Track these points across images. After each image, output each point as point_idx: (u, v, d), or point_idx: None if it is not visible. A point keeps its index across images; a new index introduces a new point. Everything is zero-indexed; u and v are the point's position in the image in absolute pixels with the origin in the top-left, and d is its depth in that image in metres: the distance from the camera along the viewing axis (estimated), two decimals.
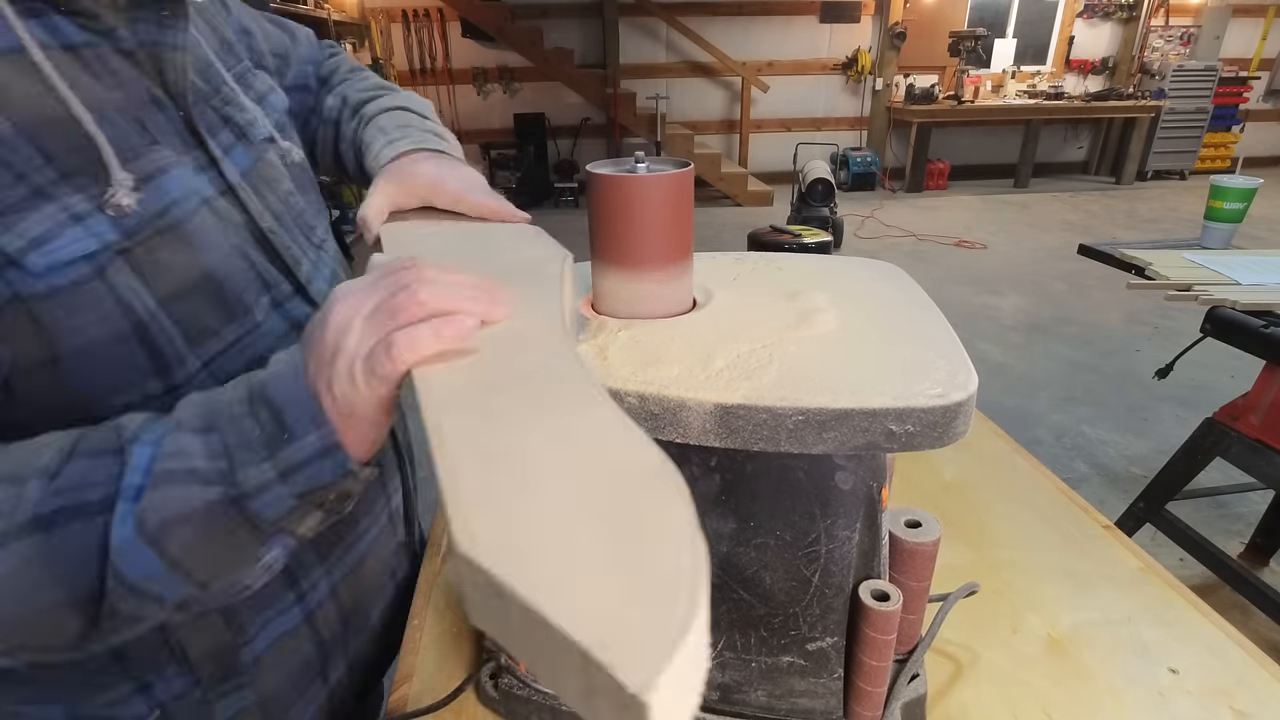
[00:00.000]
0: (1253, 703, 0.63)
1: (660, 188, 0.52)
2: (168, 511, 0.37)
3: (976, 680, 0.67)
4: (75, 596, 0.38)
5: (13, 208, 0.40)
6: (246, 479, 0.38)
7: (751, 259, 0.69)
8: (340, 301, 0.40)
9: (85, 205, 0.43)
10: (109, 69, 0.46)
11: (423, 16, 6.80)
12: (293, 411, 0.39)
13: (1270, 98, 7.81)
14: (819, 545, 0.52)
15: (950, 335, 0.52)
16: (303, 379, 0.39)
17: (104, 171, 0.43)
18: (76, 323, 0.43)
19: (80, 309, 0.43)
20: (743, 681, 0.57)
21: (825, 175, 5.06)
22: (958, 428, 0.44)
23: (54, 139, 0.42)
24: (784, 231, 3.10)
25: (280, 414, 0.39)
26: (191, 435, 0.39)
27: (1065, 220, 6.09)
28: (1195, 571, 1.79)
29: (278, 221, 0.59)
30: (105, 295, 0.44)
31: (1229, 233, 1.79)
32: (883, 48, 7.19)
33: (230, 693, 0.57)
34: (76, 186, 0.43)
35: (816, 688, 0.56)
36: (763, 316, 0.55)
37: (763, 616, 0.55)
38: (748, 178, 6.81)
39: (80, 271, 0.42)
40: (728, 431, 0.44)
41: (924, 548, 0.57)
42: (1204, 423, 1.66)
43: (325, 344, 0.39)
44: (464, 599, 0.27)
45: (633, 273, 0.55)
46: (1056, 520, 0.89)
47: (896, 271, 0.66)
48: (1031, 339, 3.70)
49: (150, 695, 0.54)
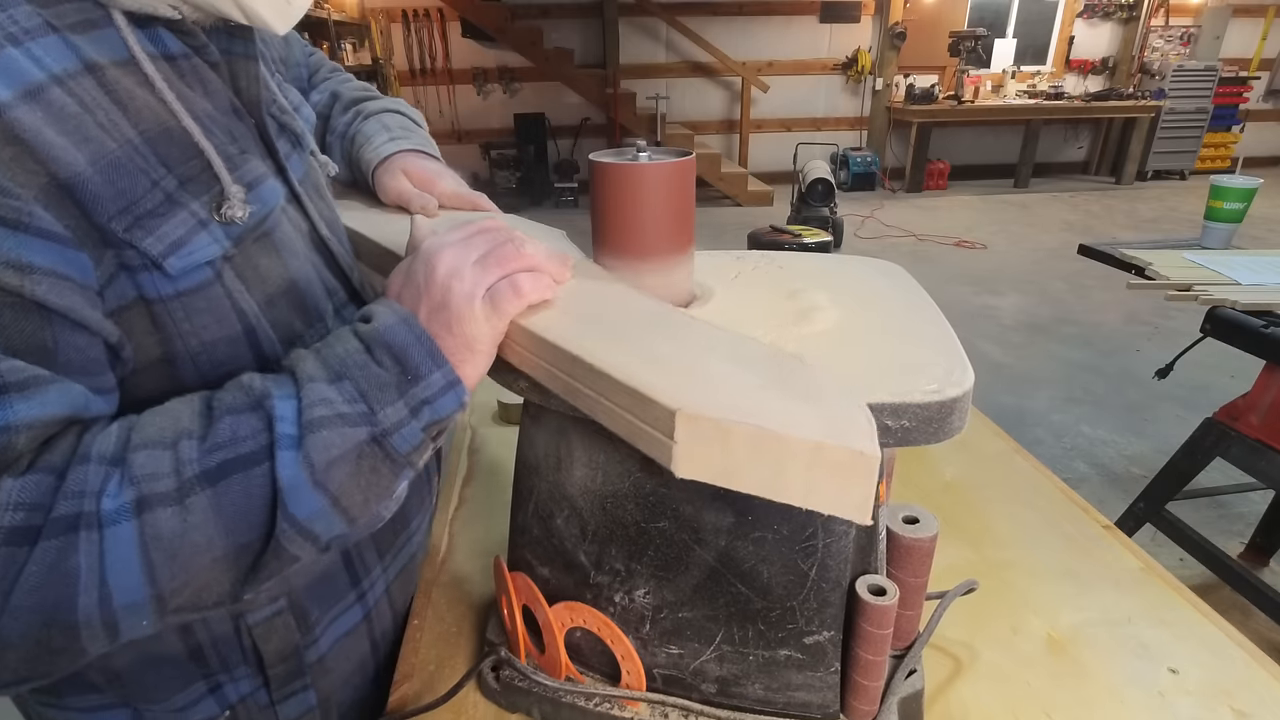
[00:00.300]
0: (1253, 703, 0.63)
1: (661, 176, 0.53)
2: (328, 454, 0.40)
3: (976, 679, 0.67)
4: (240, 547, 0.40)
5: (151, 213, 0.42)
6: (385, 418, 0.42)
7: (753, 257, 0.69)
8: (442, 253, 0.45)
9: (205, 213, 0.45)
10: (200, 79, 0.48)
11: (423, 16, 6.80)
12: (414, 354, 0.43)
13: (1270, 98, 7.82)
14: (816, 540, 0.52)
15: (948, 332, 0.52)
16: (417, 324, 0.43)
17: (215, 182, 0.46)
18: (196, 324, 0.46)
19: (201, 311, 0.46)
20: (740, 675, 0.58)
21: (825, 175, 5.06)
22: (954, 423, 0.45)
23: (169, 149, 0.44)
24: (784, 231, 3.10)
25: (402, 358, 0.42)
26: (326, 385, 0.41)
27: (1065, 220, 6.10)
28: (1195, 571, 1.79)
29: (330, 229, 0.61)
30: (223, 298, 0.47)
31: (1229, 233, 1.79)
32: (883, 48, 7.20)
33: (296, 693, 0.59)
34: (194, 194, 0.45)
35: (813, 681, 0.56)
36: (763, 313, 0.56)
37: (760, 610, 0.55)
38: (748, 178, 6.81)
39: (205, 275, 0.46)
40: None
41: (921, 543, 0.57)
42: (1204, 423, 1.66)
43: (436, 288, 0.44)
44: (675, 459, 0.38)
45: (633, 261, 0.55)
46: (1056, 520, 0.89)
47: (897, 270, 0.66)
48: (1031, 339, 3.70)
49: (221, 696, 0.56)
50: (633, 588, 0.58)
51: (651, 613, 0.58)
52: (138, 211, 0.42)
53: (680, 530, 0.54)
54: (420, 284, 0.45)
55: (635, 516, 0.56)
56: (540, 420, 0.59)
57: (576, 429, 0.56)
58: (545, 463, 0.60)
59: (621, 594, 0.58)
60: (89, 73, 0.40)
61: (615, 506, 0.56)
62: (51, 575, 0.36)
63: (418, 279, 0.45)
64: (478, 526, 0.90)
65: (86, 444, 0.39)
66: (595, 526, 0.58)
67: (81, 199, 0.39)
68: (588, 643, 0.61)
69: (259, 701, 0.57)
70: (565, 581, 0.61)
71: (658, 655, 0.59)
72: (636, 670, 0.59)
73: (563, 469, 0.58)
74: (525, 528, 0.63)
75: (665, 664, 0.59)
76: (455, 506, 0.95)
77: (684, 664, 0.59)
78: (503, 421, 1.14)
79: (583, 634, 0.61)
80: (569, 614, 0.60)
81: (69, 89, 0.39)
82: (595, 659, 0.62)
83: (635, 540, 0.56)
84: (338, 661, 0.62)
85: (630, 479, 0.55)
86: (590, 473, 0.57)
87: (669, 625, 0.58)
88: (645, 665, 0.59)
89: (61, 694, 0.54)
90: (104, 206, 0.40)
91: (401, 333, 0.43)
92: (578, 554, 0.59)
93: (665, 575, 0.56)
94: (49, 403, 0.37)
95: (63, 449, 0.38)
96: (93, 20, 0.42)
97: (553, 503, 0.60)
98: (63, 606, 0.36)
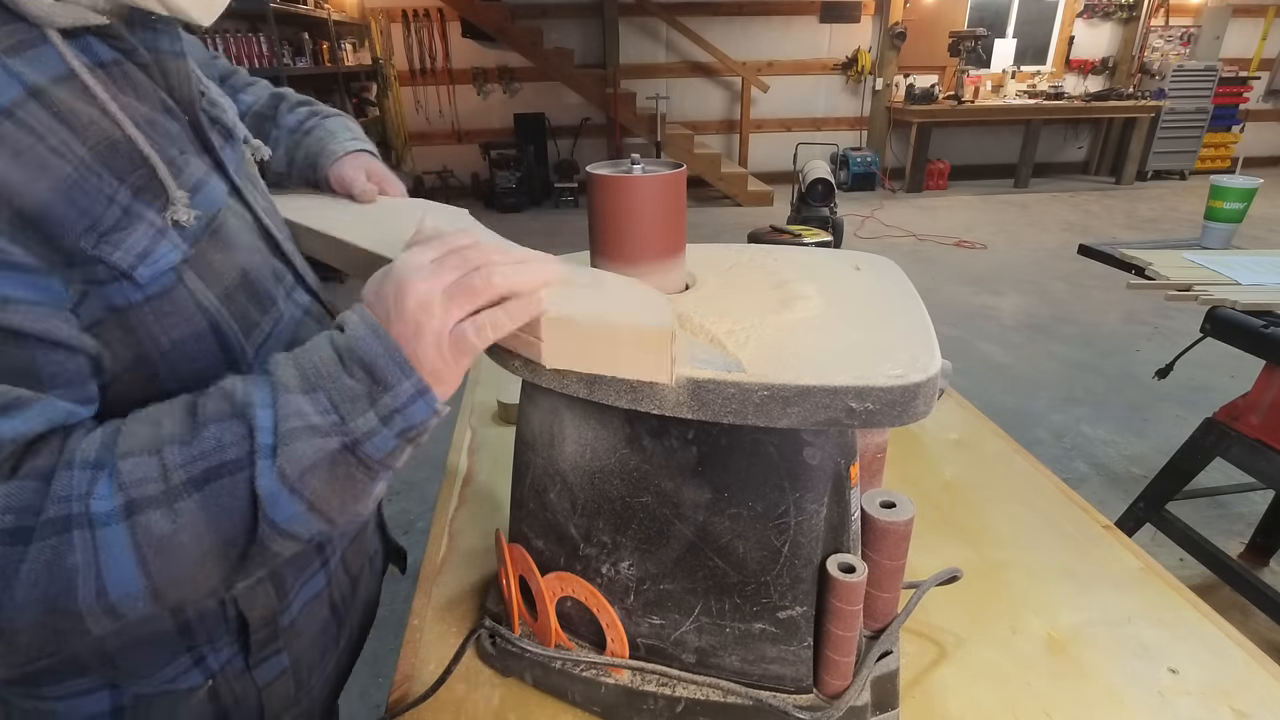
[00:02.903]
0: (1253, 703, 0.63)
1: (654, 187, 0.56)
2: (301, 463, 0.42)
3: (976, 679, 0.67)
4: (227, 543, 0.43)
5: (114, 228, 0.44)
6: (357, 427, 0.44)
7: (750, 250, 0.71)
8: (413, 277, 0.45)
9: (160, 221, 0.47)
10: (132, 83, 0.49)
11: (423, 16, 6.80)
12: (383, 365, 0.44)
13: (1270, 98, 7.82)
14: (788, 517, 0.54)
15: (924, 323, 0.54)
16: (387, 335, 0.45)
17: (162, 189, 0.48)
18: (165, 325, 0.48)
19: (168, 314, 0.48)
20: (718, 646, 0.60)
21: (825, 175, 5.05)
22: (917, 408, 0.47)
23: (117, 161, 0.45)
24: (784, 231, 3.10)
25: (372, 369, 0.44)
26: (300, 396, 0.43)
27: (1065, 220, 6.10)
28: (1195, 571, 1.79)
29: (269, 217, 0.63)
30: (187, 299, 0.49)
31: (1229, 233, 1.79)
32: (883, 48, 7.20)
33: (269, 657, 0.62)
34: (147, 204, 0.47)
35: (787, 654, 0.58)
36: (748, 301, 0.58)
37: (736, 584, 0.57)
38: (748, 178, 6.81)
39: (169, 280, 0.47)
40: (699, 404, 0.48)
41: (896, 527, 0.59)
42: (1204, 423, 1.66)
43: (407, 320, 0.45)
44: (543, 354, 0.49)
45: (628, 266, 0.58)
46: (1056, 520, 0.89)
47: (887, 264, 0.68)
48: (1031, 339, 3.70)
49: (204, 666, 0.58)
50: (618, 560, 0.61)
51: (635, 584, 0.61)
52: (101, 229, 0.43)
53: (661, 505, 0.57)
54: (390, 309, 0.46)
55: (620, 491, 0.58)
56: (535, 400, 0.62)
57: (568, 409, 0.59)
58: (540, 440, 0.63)
59: (608, 565, 0.61)
60: (33, 98, 0.41)
61: (602, 481, 0.59)
62: (50, 572, 0.38)
63: (388, 302, 0.46)
64: (478, 526, 0.90)
65: (70, 450, 0.41)
66: (584, 501, 0.61)
67: (47, 226, 0.40)
68: (577, 612, 0.64)
69: (236, 668, 0.60)
70: (557, 553, 0.64)
71: (641, 625, 0.62)
72: (620, 639, 0.62)
73: (555, 446, 0.61)
74: (522, 502, 0.66)
75: (648, 634, 0.62)
76: (455, 506, 0.95)
77: (665, 634, 0.61)
78: (502, 421, 1.14)
79: (573, 604, 0.64)
80: (560, 584, 0.63)
81: (18, 120, 0.40)
82: (584, 627, 0.65)
83: (620, 514, 0.59)
84: (306, 624, 0.65)
85: (616, 455, 0.58)
86: (580, 449, 0.60)
87: (651, 596, 0.61)
88: (629, 634, 0.62)
89: (39, 683, 0.54)
90: (69, 228, 0.41)
91: (372, 344, 0.44)
92: (568, 527, 0.62)
93: (648, 548, 0.59)
94: (31, 419, 0.40)
95: (46, 455, 0.40)
96: (27, 40, 0.42)
97: (546, 478, 0.63)
98: (64, 598, 0.39)
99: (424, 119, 7.20)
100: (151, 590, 0.41)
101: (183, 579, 0.42)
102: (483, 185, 7.05)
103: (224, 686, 0.60)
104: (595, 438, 0.58)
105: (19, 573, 0.37)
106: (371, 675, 1.72)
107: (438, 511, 0.94)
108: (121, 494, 0.40)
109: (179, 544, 0.41)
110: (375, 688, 1.69)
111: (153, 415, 0.43)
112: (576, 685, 0.64)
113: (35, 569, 0.38)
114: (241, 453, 0.42)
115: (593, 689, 0.64)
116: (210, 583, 0.44)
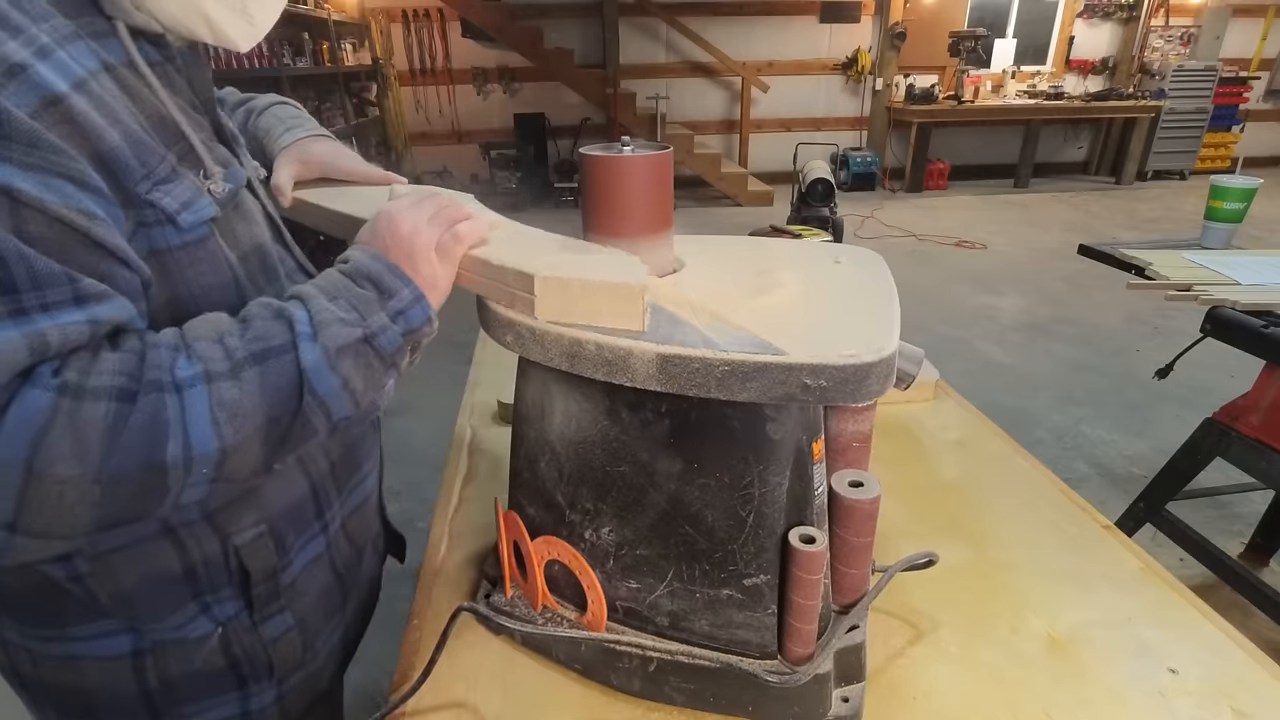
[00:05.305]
0: (1253, 703, 0.63)
1: (642, 166, 0.61)
2: (336, 342, 0.53)
3: (976, 679, 0.67)
4: (274, 420, 0.51)
5: (165, 179, 0.53)
6: (373, 322, 0.55)
7: (746, 242, 0.74)
8: (403, 214, 0.60)
9: (199, 181, 0.57)
10: (170, 81, 0.58)
11: (423, 16, 6.80)
12: (387, 278, 0.57)
13: (1270, 98, 7.82)
14: (752, 489, 0.57)
15: (892, 311, 0.58)
16: (385, 259, 0.57)
17: (199, 161, 0.58)
18: (196, 270, 0.57)
19: (200, 260, 0.57)
20: (689, 610, 0.64)
21: (825, 175, 5.05)
22: (871, 387, 0.50)
23: (165, 133, 0.55)
24: (784, 231, 3.10)
25: (379, 281, 0.57)
26: (327, 300, 0.54)
27: (1065, 220, 6.10)
28: (1195, 571, 1.79)
29: (273, 209, 0.71)
30: (217, 251, 0.58)
31: (1229, 233, 1.79)
32: (883, 48, 7.20)
33: (274, 614, 0.68)
34: (188, 169, 0.56)
35: (753, 621, 0.61)
36: (726, 286, 0.62)
37: (705, 551, 0.61)
38: (748, 178, 6.81)
39: (204, 230, 0.57)
40: (667, 378, 0.53)
41: (863, 505, 0.61)
42: (1204, 423, 1.65)
43: (401, 242, 0.58)
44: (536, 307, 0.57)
45: (617, 239, 0.63)
46: (1056, 520, 0.89)
47: (872, 257, 0.71)
48: (1031, 339, 3.70)
49: (211, 615, 0.64)
50: (599, 525, 0.65)
51: (614, 549, 0.65)
52: (155, 178, 0.52)
53: (638, 474, 0.61)
54: (386, 240, 0.59)
55: (601, 460, 0.62)
56: (528, 374, 0.67)
57: (555, 383, 0.63)
58: (532, 412, 0.67)
59: (590, 531, 0.66)
60: (107, 71, 0.51)
61: (586, 451, 0.63)
62: (152, 424, 0.47)
63: (384, 236, 0.59)
64: (477, 526, 0.90)
65: (152, 338, 0.50)
66: (570, 469, 0.65)
67: (116, 168, 0.49)
68: (563, 576, 0.69)
69: (243, 623, 0.66)
70: (546, 519, 0.69)
71: (619, 589, 0.66)
72: (600, 600, 0.66)
73: (545, 418, 0.66)
74: (518, 471, 0.71)
75: (625, 597, 0.66)
76: (455, 506, 0.95)
77: (641, 598, 0.65)
78: (502, 421, 1.14)
79: (560, 568, 0.68)
80: (547, 548, 0.68)
81: (100, 82, 0.50)
82: (569, 590, 0.70)
83: (601, 483, 0.63)
84: (307, 585, 0.71)
85: (597, 426, 0.62)
86: (566, 420, 0.64)
87: (629, 561, 0.65)
88: (608, 597, 0.67)
89: (66, 623, 0.60)
90: (132, 173, 0.51)
91: (375, 264, 0.57)
92: (556, 494, 0.67)
93: (625, 515, 0.63)
94: (117, 309, 0.48)
95: (134, 338, 0.50)
96: (103, 30, 0.52)
97: (537, 448, 0.67)
98: (157, 450, 0.47)
99: (424, 119, 7.20)
100: (221, 452, 0.49)
101: (243, 446, 0.50)
102: (482, 185, 7.04)
103: (233, 638, 0.66)
104: (579, 410, 0.62)
105: (129, 423, 0.46)
106: (372, 677, 1.72)
107: (438, 511, 0.94)
108: (200, 364, 0.49)
109: (243, 411, 0.49)
110: (376, 690, 1.69)
111: (208, 319, 0.53)
112: (559, 644, 0.69)
113: (141, 420, 0.46)
114: (286, 340, 0.52)
115: (573, 647, 0.68)
116: (256, 461, 0.52)
